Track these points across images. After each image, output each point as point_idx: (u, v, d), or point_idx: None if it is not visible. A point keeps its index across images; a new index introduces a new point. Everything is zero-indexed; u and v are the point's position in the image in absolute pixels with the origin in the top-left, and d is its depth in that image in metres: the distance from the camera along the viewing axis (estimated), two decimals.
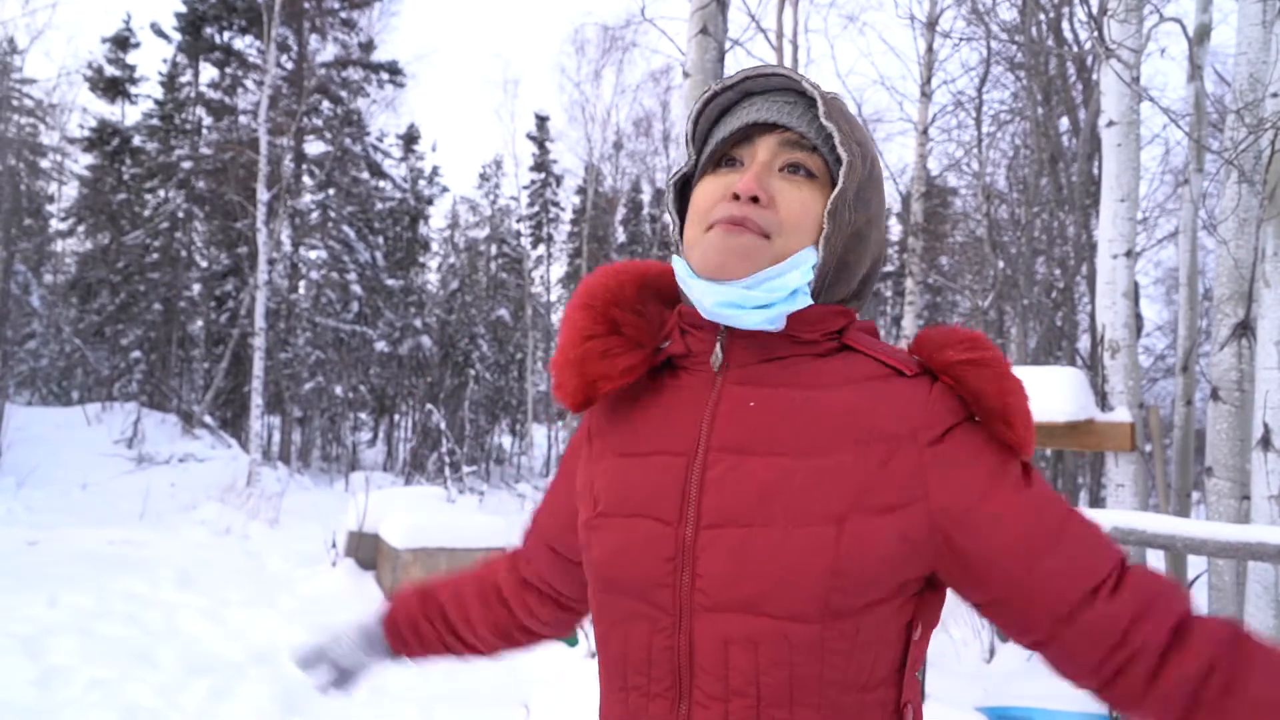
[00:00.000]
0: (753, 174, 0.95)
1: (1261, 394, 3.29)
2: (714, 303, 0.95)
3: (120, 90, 22.63)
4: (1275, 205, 3.28)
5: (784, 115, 0.97)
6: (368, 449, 26.27)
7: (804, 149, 0.97)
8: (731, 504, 0.93)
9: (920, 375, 0.97)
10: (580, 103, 27.19)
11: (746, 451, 0.94)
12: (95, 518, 11.20)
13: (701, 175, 1.03)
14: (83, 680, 4.96)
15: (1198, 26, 5.16)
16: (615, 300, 1.06)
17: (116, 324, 20.89)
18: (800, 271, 0.95)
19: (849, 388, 0.96)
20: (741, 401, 0.97)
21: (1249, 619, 3.34)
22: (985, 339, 1.00)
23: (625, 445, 1.04)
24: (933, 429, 0.93)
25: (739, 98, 1.03)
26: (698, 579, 0.92)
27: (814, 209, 0.96)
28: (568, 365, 1.05)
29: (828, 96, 0.98)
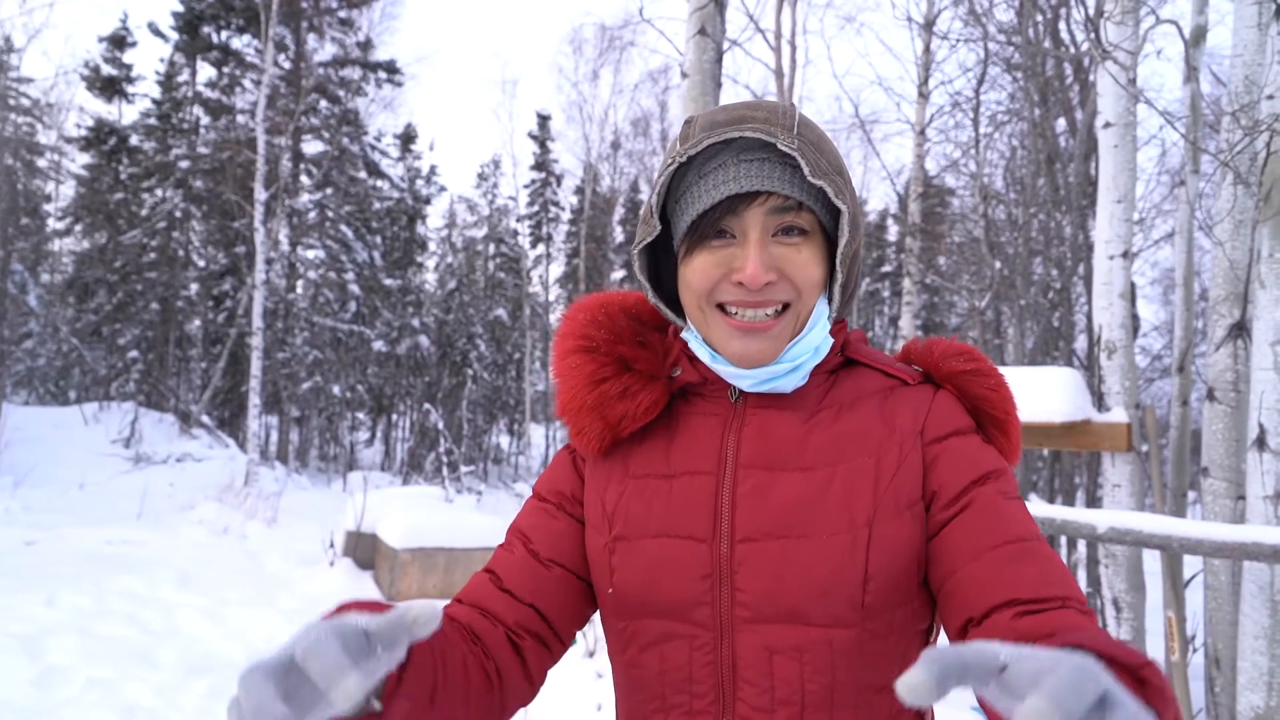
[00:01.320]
0: (755, 260, 0.93)
1: (1257, 394, 3.31)
2: (750, 385, 0.99)
3: (117, 89, 22.63)
4: (1271, 207, 3.30)
5: (767, 179, 0.93)
6: (365, 449, 26.27)
7: (792, 210, 0.95)
8: (765, 517, 0.94)
9: (923, 384, 1.03)
10: (578, 103, 27.24)
11: (775, 467, 0.96)
12: (93, 518, 11.19)
13: (688, 246, 0.98)
14: (81, 680, 4.96)
15: (1194, 28, 5.18)
16: (617, 338, 1.06)
17: (114, 323, 20.88)
18: (820, 328, 0.98)
19: (864, 402, 1.00)
20: (765, 422, 0.99)
21: (1244, 618, 3.35)
22: (978, 351, 1.06)
23: (644, 468, 1.03)
24: (938, 430, 0.98)
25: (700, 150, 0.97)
26: (738, 593, 0.93)
27: (817, 264, 0.96)
28: (586, 411, 1.04)
29: (804, 139, 0.94)
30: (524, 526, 1.10)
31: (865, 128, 12.56)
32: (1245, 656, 3.34)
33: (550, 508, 1.10)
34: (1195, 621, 5.26)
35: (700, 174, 0.96)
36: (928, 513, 0.95)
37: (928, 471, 0.96)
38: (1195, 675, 4.69)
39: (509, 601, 1.03)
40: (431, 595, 7.99)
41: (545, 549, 1.07)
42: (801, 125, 0.95)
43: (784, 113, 0.96)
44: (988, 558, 0.89)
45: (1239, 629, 3.38)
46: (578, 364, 1.05)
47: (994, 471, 0.96)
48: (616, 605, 1.01)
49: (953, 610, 0.91)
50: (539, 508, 1.11)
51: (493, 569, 1.07)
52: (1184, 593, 4.22)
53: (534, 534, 1.08)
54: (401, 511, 8.69)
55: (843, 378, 1.04)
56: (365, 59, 24.71)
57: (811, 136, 0.95)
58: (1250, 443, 3.32)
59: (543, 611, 1.04)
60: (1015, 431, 1.02)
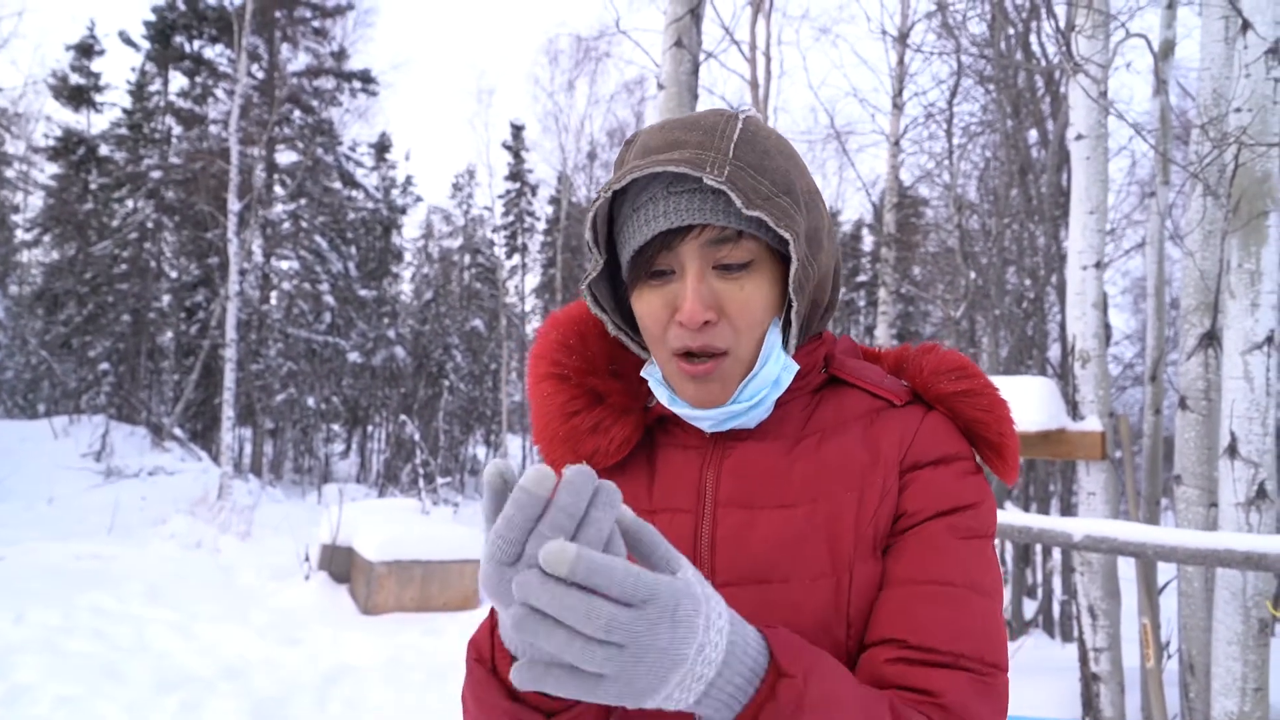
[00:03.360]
0: (692, 299, 0.88)
1: (1228, 403, 3.34)
2: (709, 426, 0.95)
3: (85, 99, 22.42)
4: (1240, 218, 3.34)
5: (698, 213, 0.87)
6: (340, 461, 26.08)
7: (730, 241, 0.88)
8: (745, 560, 0.90)
9: (912, 403, 0.97)
10: (554, 113, 27.23)
11: (754, 505, 0.92)
12: (62, 532, 11.04)
13: (631, 281, 0.94)
14: (50, 698, 4.88)
15: (1162, 42, 5.25)
16: (590, 367, 1.01)
17: (84, 335, 20.63)
18: (774, 360, 0.93)
19: (846, 430, 0.95)
20: (745, 455, 0.95)
21: (1218, 624, 3.38)
22: (973, 365, 1.00)
23: (626, 501, 0.98)
24: (918, 457, 0.92)
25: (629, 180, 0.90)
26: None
27: (761, 298, 0.91)
28: (559, 443, 1.00)
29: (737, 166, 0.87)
30: None
31: (840, 138, 12.65)
32: (1219, 662, 3.36)
33: None
34: (1169, 628, 5.31)
35: (634, 206, 0.91)
36: (888, 535, 0.91)
37: (899, 497, 0.91)
38: (1170, 681, 4.73)
39: None
40: (408, 608, 7.93)
41: None
42: (739, 145, 0.89)
43: (721, 133, 0.90)
44: (904, 590, 0.86)
45: (1212, 635, 3.41)
46: (549, 392, 1.00)
47: (961, 507, 0.90)
48: None
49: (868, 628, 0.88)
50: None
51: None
52: (1158, 599, 4.25)
53: None
54: (378, 524, 8.61)
55: (827, 398, 0.99)
56: (339, 69, 24.64)
57: (750, 157, 0.88)
58: (1222, 450, 3.35)
59: None
60: (1011, 452, 0.96)
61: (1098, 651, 4.32)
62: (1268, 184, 3.31)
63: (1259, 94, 3.29)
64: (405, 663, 6.23)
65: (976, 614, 0.85)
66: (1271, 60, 3.29)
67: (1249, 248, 3.31)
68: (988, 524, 0.92)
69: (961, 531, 0.89)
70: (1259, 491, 3.30)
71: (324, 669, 5.97)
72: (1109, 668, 4.30)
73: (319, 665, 6.04)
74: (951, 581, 0.86)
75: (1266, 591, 3.32)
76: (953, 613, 0.84)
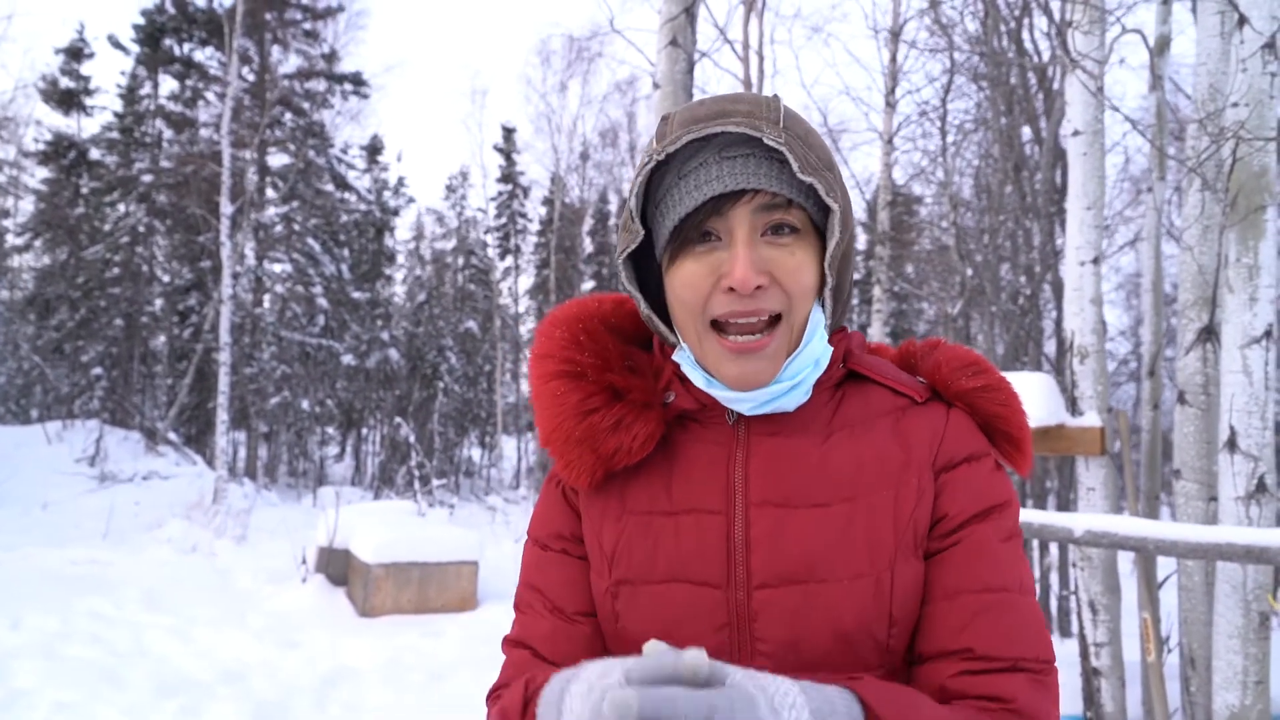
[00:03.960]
0: (744, 261, 0.86)
1: (1227, 397, 3.35)
2: (750, 408, 0.93)
3: (75, 102, 22.30)
4: (1237, 212, 3.35)
5: (753, 176, 0.86)
6: (335, 463, 26.02)
7: (781, 207, 0.88)
8: (783, 561, 0.88)
9: (932, 400, 0.98)
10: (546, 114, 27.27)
11: (789, 504, 0.90)
12: (57, 538, 10.99)
13: (671, 252, 0.92)
14: (48, 703, 4.86)
15: (1158, 38, 5.27)
16: (606, 363, 0.97)
17: (76, 340, 20.55)
18: (819, 338, 0.93)
19: (874, 426, 0.95)
20: (773, 451, 0.93)
21: (1218, 618, 3.39)
22: (985, 360, 1.01)
23: (643, 503, 0.96)
24: (950, 456, 0.93)
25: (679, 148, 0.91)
26: (758, 643, 0.88)
27: (811, 266, 0.90)
28: (574, 444, 0.95)
29: (791, 132, 0.87)
30: (539, 584, 1.01)
31: (834, 137, 12.67)
32: (1220, 656, 3.37)
33: (556, 555, 1.02)
34: (1170, 622, 5.32)
35: (680, 174, 0.89)
36: (929, 537, 0.91)
37: (936, 499, 0.92)
38: (1171, 675, 4.74)
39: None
40: (406, 610, 7.91)
41: (569, 604, 0.99)
42: (788, 118, 0.89)
43: (768, 105, 0.89)
44: (960, 601, 0.87)
45: (1213, 629, 3.42)
46: (562, 391, 0.96)
47: (998, 506, 0.92)
48: (626, 653, 0.92)
49: (915, 638, 0.89)
50: (546, 558, 1.03)
51: (524, 641, 0.99)
52: (1158, 594, 4.26)
53: (551, 590, 1.00)
54: (374, 526, 8.60)
55: (849, 394, 0.97)
56: (331, 71, 24.57)
57: (799, 130, 0.89)
58: (1221, 444, 3.36)
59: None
60: (1028, 445, 0.99)
61: (1098, 646, 4.32)
62: (1265, 178, 3.32)
63: (1256, 88, 3.30)
64: (404, 664, 6.22)
65: (1027, 616, 0.88)
66: (1268, 55, 3.30)
67: (1247, 242, 3.32)
68: (1017, 521, 0.95)
69: (1003, 534, 0.91)
70: (1259, 485, 3.30)
71: (323, 672, 5.95)
72: (1110, 662, 4.31)
73: (318, 668, 6.03)
74: (1005, 587, 0.88)
75: (1266, 585, 3.33)
76: (1009, 619, 0.86)
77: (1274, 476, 3.33)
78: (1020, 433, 0.98)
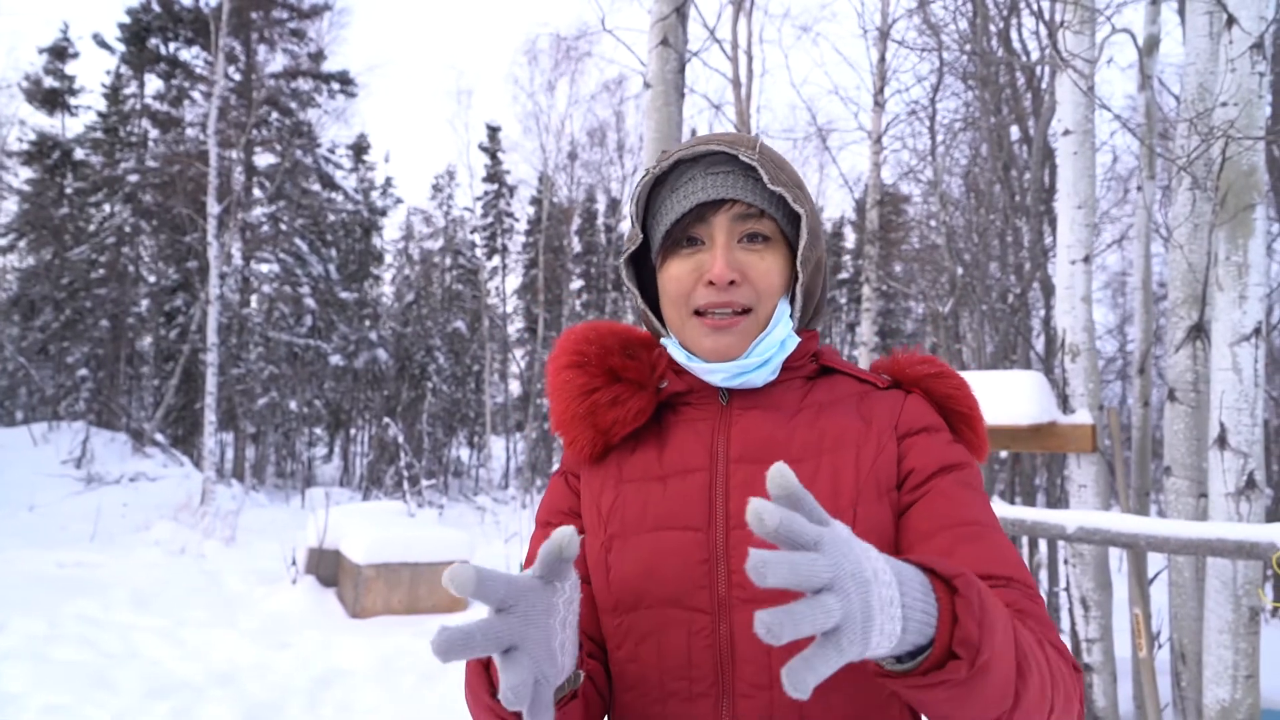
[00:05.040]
0: (722, 260, 1.03)
1: (1217, 394, 3.37)
2: (722, 379, 1.07)
3: (59, 102, 22.16)
4: (1227, 211, 3.37)
5: (731, 189, 1.03)
6: (323, 464, 25.93)
7: (755, 217, 1.04)
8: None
9: (892, 388, 1.12)
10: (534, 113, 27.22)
11: (765, 460, 1.01)
12: (44, 540, 10.92)
13: (663, 254, 1.08)
14: (37, 706, 4.83)
15: (1147, 38, 5.30)
16: (606, 351, 1.13)
17: (62, 341, 20.42)
18: (783, 325, 1.07)
19: (841, 404, 1.09)
20: (751, 422, 1.07)
21: (1209, 614, 3.41)
22: (938, 358, 1.16)
23: (637, 472, 1.09)
24: (910, 425, 1.06)
25: (672, 166, 1.08)
26: (733, 574, 0.98)
27: (779, 269, 1.06)
28: (578, 420, 1.11)
29: (764, 155, 1.04)
30: (534, 555, 1.09)
31: (823, 136, 12.69)
32: (1210, 651, 3.39)
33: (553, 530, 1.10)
34: (1160, 618, 5.36)
35: (673, 189, 1.07)
36: (899, 494, 1.02)
37: (901, 460, 1.03)
38: (1162, 670, 4.77)
39: None
40: (397, 611, 7.89)
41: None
42: (763, 146, 1.06)
43: (748, 139, 1.07)
44: (942, 535, 0.97)
45: (1204, 624, 3.44)
46: (569, 378, 1.12)
47: (958, 464, 1.04)
48: (614, 601, 1.05)
49: None
50: (545, 533, 1.14)
51: None
52: (1149, 590, 4.29)
53: None
54: (364, 527, 8.57)
55: (820, 383, 1.12)
56: (317, 70, 24.48)
57: (771, 155, 1.06)
58: (1211, 441, 3.38)
59: (588, 631, 1.08)
60: (980, 427, 1.11)
61: (1090, 642, 4.35)
62: (1254, 177, 3.34)
63: (1245, 88, 3.33)
64: (396, 665, 6.21)
65: (1004, 546, 0.98)
66: (1256, 55, 3.32)
67: (1236, 240, 3.34)
68: (981, 481, 1.06)
69: (966, 486, 1.02)
70: (1248, 481, 3.33)
71: (315, 673, 5.93)
72: (1101, 658, 4.33)
73: (309, 669, 6.01)
74: (979, 521, 0.99)
75: (1256, 580, 3.35)
76: (990, 546, 0.97)
77: (1263, 473, 3.35)
78: (972, 411, 1.10)
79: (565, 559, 0.80)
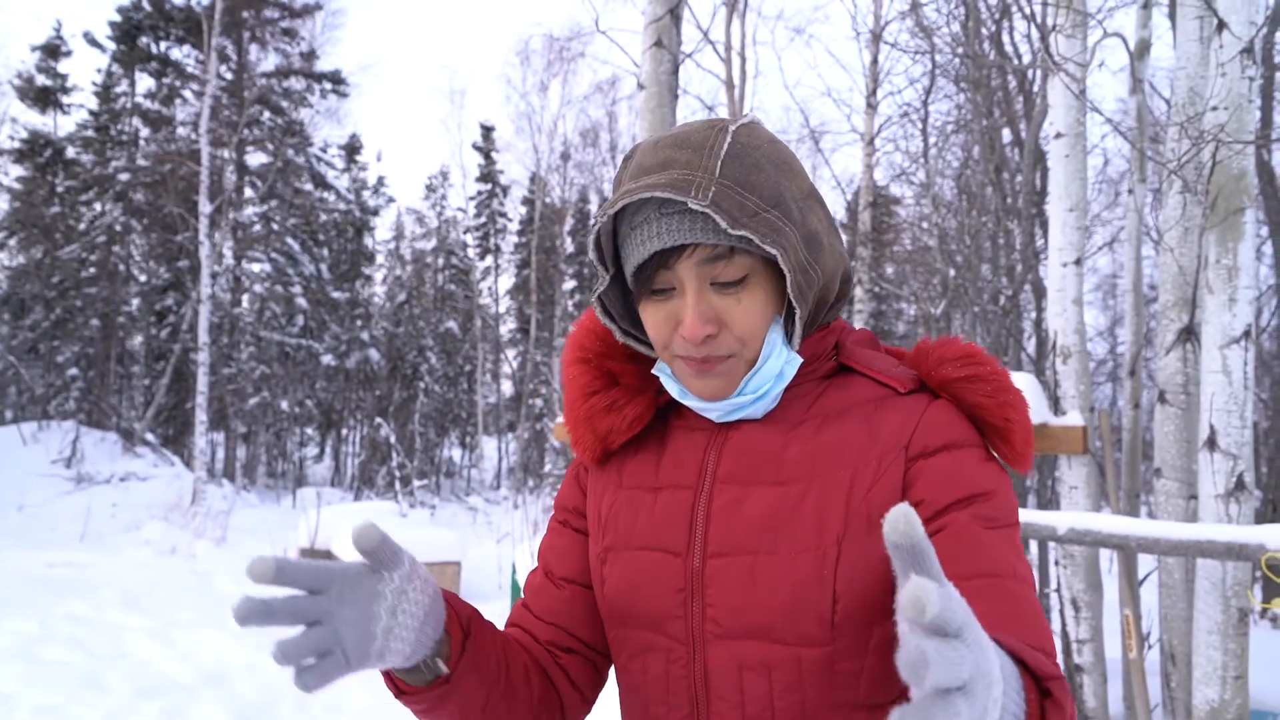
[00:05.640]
0: (694, 314, 0.91)
1: (1207, 397, 3.39)
2: (717, 417, 0.99)
3: (52, 100, 22.07)
4: (1217, 214, 3.39)
5: (689, 233, 0.89)
6: (315, 464, 25.87)
7: (724, 258, 0.90)
8: (736, 532, 0.93)
9: (917, 392, 0.97)
10: (527, 113, 27.27)
11: (750, 481, 0.95)
12: (34, 540, 10.87)
13: (637, 293, 0.97)
14: (27, 707, 4.81)
15: (1138, 42, 5.33)
16: (608, 351, 1.07)
17: (52, 340, 20.33)
18: (776, 355, 0.95)
19: (851, 413, 0.96)
20: (746, 436, 0.98)
21: (1198, 615, 3.43)
22: (982, 352, 0.99)
23: (635, 479, 1.05)
24: (926, 443, 0.92)
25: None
26: (708, 608, 0.93)
27: (761, 304, 0.93)
28: (580, 422, 1.07)
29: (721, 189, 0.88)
30: (544, 547, 1.14)
31: (815, 138, 12.72)
32: (1200, 651, 3.41)
33: (558, 525, 1.14)
34: (1151, 618, 5.38)
35: (631, 225, 0.94)
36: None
37: (909, 487, 0.90)
38: (1151, 671, 4.80)
39: (538, 623, 1.09)
40: None
41: (558, 568, 1.10)
42: (726, 162, 0.90)
43: (710, 150, 0.90)
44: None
45: (1193, 625, 3.46)
46: (574, 375, 1.07)
47: (980, 494, 0.90)
48: (607, 613, 1.03)
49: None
50: (553, 526, 1.15)
51: (525, 590, 1.13)
52: (1139, 591, 4.31)
53: (548, 554, 1.13)
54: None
55: (834, 386, 1.00)
56: (309, 69, 24.43)
57: (737, 173, 0.89)
58: (1201, 443, 3.40)
59: (569, 629, 1.08)
60: (1020, 438, 0.95)
61: (1080, 643, 4.37)
62: (1244, 181, 3.36)
63: (1235, 92, 3.35)
64: None
65: (1025, 604, 0.84)
66: (1246, 59, 3.35)
67: (1226, 243, 3.36)
68: (1009, 512, 0.91)
69: (987, 522, 0.88)
70: (1238, 483, 3.35)
71: None
72: (1091, 659, 4.36)
73: None
74: (994, 573, 0.84)
75: (1245, 581, 3.37)
76: (1004, 604, 0.82)
77: (1253, 475, 3.37)
78: (1008, 424, 0.94)
79: (364, 550, 0.80)
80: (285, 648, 0.75)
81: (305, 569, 0.77)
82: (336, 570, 0.79)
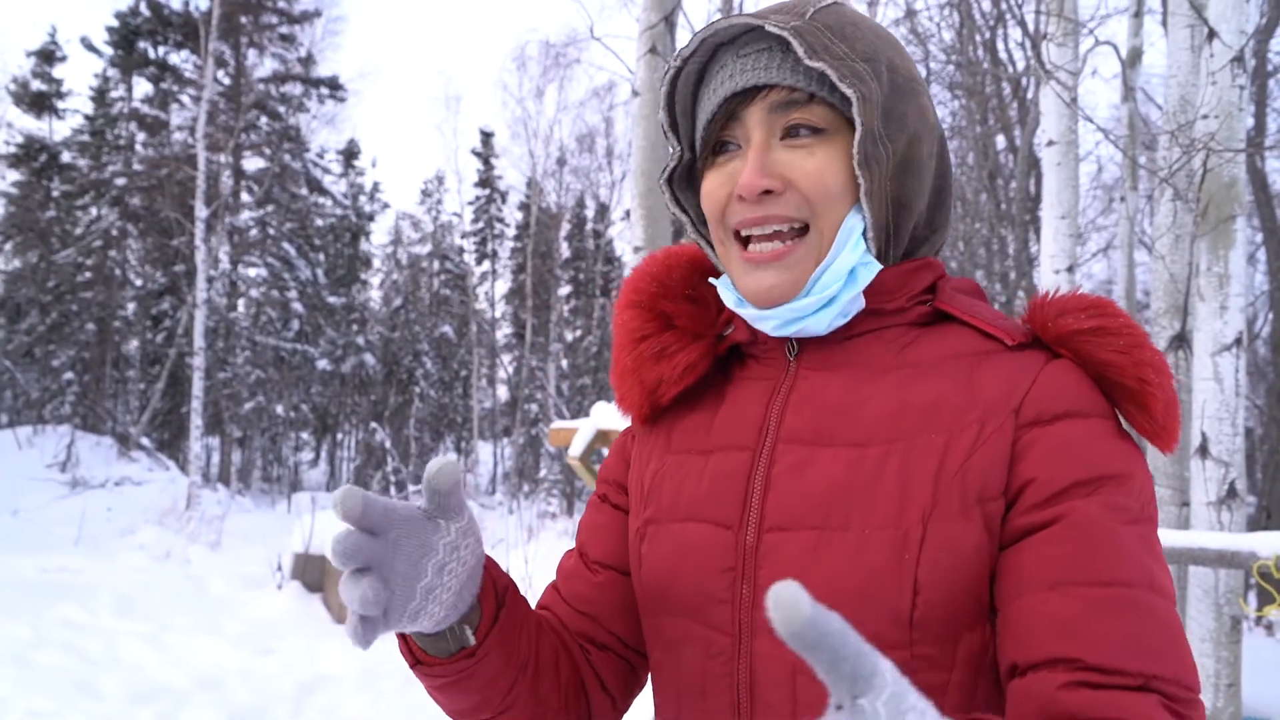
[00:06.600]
0: (752, 166, 0.78)
1: (1199, 404, 3.41)
2: (774, 328, 0.83)
3: (47, 105, 22.06)
4: (1208, 222, 3.41)
5: (763, 73, 0.79)
6: (310, 469, 25.86)
7: (800, 104, 0.79)
8: (799, 503, 0.78)
9: (1030, 347, 0.80)
10: (523, 119, 27.27)
11: (819, 442, 0.79)
12: (28, 544, 10.84)
13: (702, 167, 0.86)
14: (21, 712, 4.80)
15: (1130, 50, 5.36)
16: (663, 290, 0.92)
17: (47, 344, 20.31)
18: (850, 249, 0.79)
19: (947, 365, 0.80)
20: (817, 386, 0.83)
21: (1190, 622, 3.45)
22: (1112, 303, 0.81)
23: (685, 442, 0.90)
24: (1041, 408, 0.75)
25: (707, 58, 0.85)
26: (759, 592, 0.77)
27: (837, 167, 0.79)
28: (625, 374, 0.92)
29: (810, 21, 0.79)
30: (582, 524, 1.00)
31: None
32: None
33: (597, 501, 0.99)
34: None
35: (705, 84, 0.85)
36: (1007, 513, 0.73)
37: (1017, 461, 0.73)
38: None
39: (569, 610, 0.95)
40: None
41: (593, 549, 0.96)
42: (820, 12, 0.80)
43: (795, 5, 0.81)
44: (1066, 595, 0.68)
45: (1185, 632, 3.47)
46: (624, 321, 0.93)
47: (1110, 476, 0.72)
48: (643, 599, 0.89)
49: (1003, 644, 0.71)
50: (593, 502, 1.01)
51: (558, 573, 1.00)
52: None
53: (585, 534, 0.99)
54: None
55: (928, 334, 0.83)
56: (307, 75, 24.46)
57: (829, 20, 0.79)
58: (1193, 451, 3.41)
59: (602, 621, 0.93)
60: (1161, 406, 0.76)
61: None
62: (1235, 189, 3.38)
63: (1225, 101, 3.37)
64: (381, 671, 6.19)
65: (1163, 623, 0.68)
66: (1237, 68, 3.37)
67: (1218, 251, 3.38)
68: (1146, 502, 0.74)
69: (1118, 513, 0.71)
70: (1230, 490, 3.36)
71: (300, 678, 5.91)
72: None
73: (295, 675, 5.99)
74: (1126, 581, 0.68)
75: (1238, 589, 3.38)
76: (1135, 623, 0.67)
77: (1244, 482, 3.39)
78: (1145, 386, 0.75)
79: (436, 489, 0.73)
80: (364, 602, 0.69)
81: (379, 507, 0.70)
82: (400, 514, 0.72)
